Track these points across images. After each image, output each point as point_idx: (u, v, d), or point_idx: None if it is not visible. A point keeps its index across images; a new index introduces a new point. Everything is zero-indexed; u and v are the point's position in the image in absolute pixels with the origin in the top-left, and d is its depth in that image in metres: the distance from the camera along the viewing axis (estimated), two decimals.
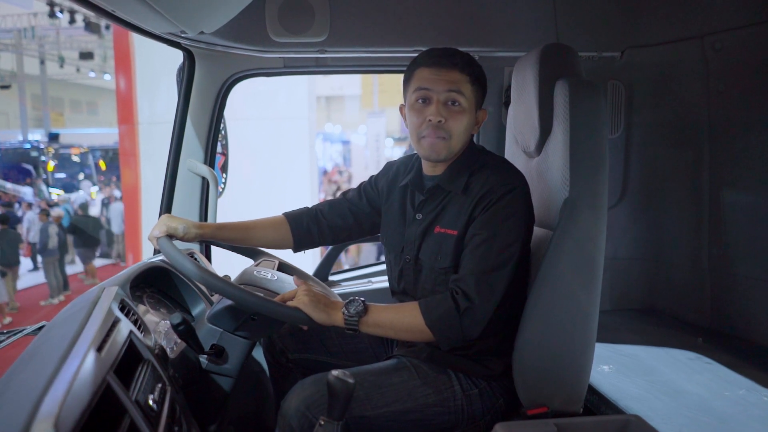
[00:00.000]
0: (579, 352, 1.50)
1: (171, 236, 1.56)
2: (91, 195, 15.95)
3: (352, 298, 1.45)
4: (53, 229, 9.70)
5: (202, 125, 2.14)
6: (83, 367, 0.93)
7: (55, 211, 10.76)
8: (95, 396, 0.89)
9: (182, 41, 1.97)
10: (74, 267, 11.50)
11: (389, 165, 1.80)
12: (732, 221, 2.18)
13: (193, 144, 2.15)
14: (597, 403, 1.68)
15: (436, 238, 1.54)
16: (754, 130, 2.10)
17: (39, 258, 10.17)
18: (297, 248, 1.78)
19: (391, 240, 1.68)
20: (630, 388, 1.75)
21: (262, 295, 1.40)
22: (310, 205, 1.83)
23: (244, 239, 1.71)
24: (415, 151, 1.62)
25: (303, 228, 1.75)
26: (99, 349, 1.02)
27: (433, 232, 1.55)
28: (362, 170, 18.14)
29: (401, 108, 1.63)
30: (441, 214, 1.55)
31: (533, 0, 2.19)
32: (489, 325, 1.51)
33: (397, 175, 1.72)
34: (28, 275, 10.87)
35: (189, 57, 2.10)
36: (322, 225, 1.75)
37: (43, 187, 16.85)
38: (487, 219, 1.45)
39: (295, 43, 2.07)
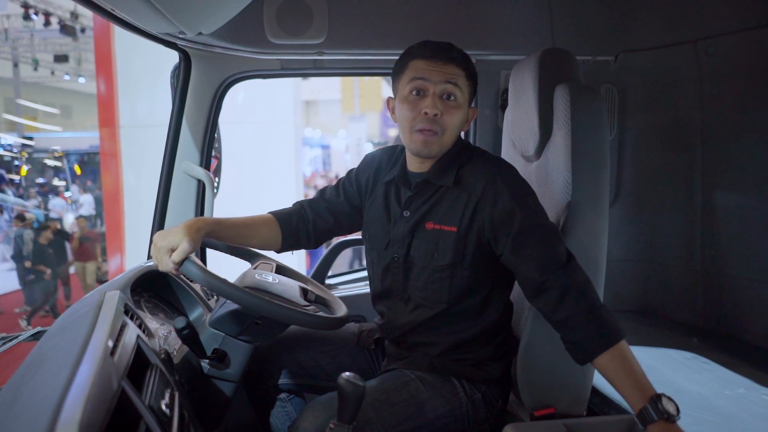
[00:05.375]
0: None
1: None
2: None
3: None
4: (28, 235, 9.48)
5: (198, 127, 2.10)
6: (99, 371, 0.90)
7: (29, 216, 10.51)
8: (113, 401, 0.87)
9: (179, 42, 1.94)
10: None
11: (370, 158, 1.70)
12: (724, 223, 2.21)
13: (188, 146, 2.11)
14: (600, 404, 1.68)
15: (430, 235, 1.48)
16: (747, 133, 2.15)
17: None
18: (284, 249, 1.69)
19: (374, 237, 1.61)
20: None
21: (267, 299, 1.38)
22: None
23: (241, 237, 1.59)
24: (398, 144, 1.58)
25: (292, 228, 1.66)
26: (111, 354, 1.00)
27: (425, 228, 1.49)
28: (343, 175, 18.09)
29: (389, 100, 1.56)
30: (432, 210, 1.49)
31: (529, 4, 2.21)
32: (485, 334, 1.52)
33: (380, 169, 1.64)
34: None
35: (185, 58, 2.07)
36: (308, 226, 1.68)
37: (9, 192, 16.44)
38: (514, 213, 1.38)
39: (293, 45, 2.05)
